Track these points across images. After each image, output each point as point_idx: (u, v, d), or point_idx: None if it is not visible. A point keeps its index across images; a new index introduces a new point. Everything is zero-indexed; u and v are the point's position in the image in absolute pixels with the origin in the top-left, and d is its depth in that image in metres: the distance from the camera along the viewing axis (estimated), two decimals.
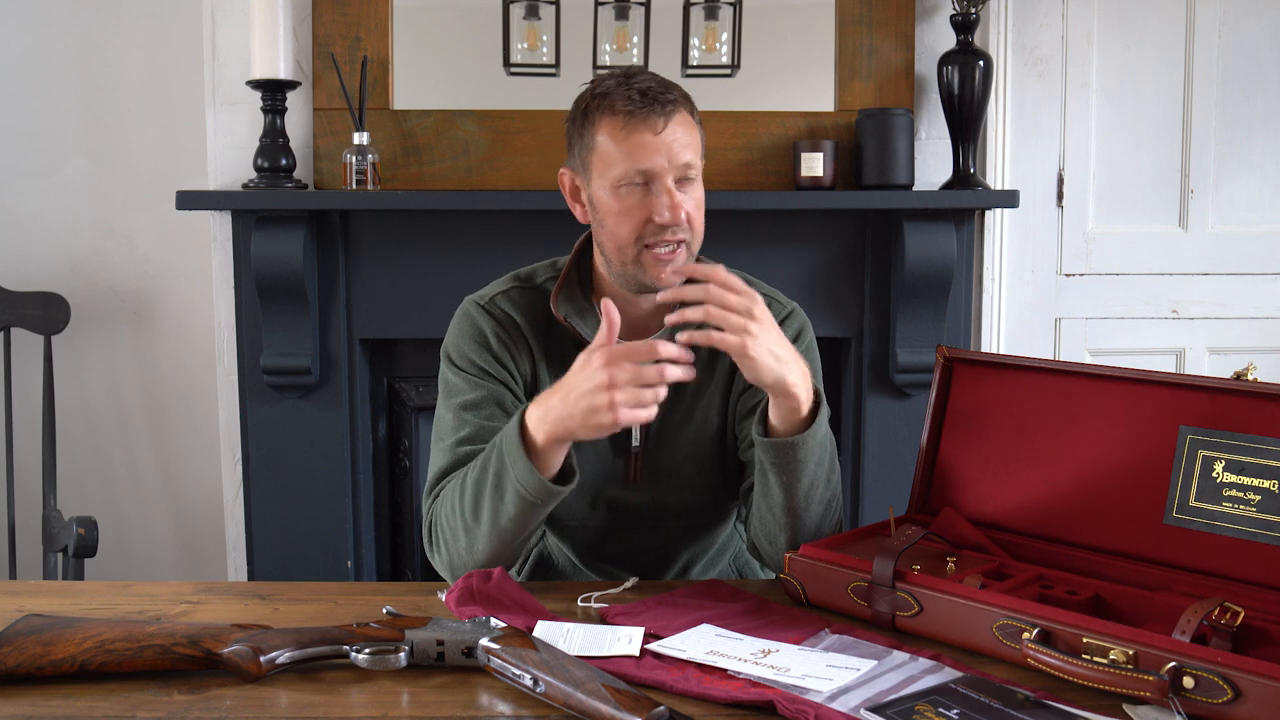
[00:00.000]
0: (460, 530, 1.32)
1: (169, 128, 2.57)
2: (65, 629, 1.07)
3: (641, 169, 1.33)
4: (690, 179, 1.36)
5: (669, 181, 1.33)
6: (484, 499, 1.29)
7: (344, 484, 2.43)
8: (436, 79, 2.41)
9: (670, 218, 1.33)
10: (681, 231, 1.35)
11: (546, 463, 1.26)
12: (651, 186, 1.34)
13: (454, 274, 2.34)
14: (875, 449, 2.45)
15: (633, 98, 1.32)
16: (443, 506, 1.36)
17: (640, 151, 1.32)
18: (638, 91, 1.33)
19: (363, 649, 1.06)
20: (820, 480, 1.32)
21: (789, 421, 1.27)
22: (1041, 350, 2.56)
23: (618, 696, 0.93)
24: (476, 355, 1.43)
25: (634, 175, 1.33)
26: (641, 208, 1.34)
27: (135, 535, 2.68)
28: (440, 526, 1.36)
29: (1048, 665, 1.02)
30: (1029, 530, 1.31)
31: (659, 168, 1.33)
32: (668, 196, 1.33)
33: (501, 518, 1.28)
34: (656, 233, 1.34)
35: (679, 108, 1.35)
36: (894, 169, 2.32)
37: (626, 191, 1.34)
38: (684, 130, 1.34)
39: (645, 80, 1.35)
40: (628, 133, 1.33)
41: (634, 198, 1.34)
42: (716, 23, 2.41)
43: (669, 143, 1.33)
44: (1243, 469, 1.16)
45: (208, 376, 2.54)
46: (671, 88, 1.36)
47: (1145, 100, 2.54)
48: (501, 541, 1.30)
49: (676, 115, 1.34)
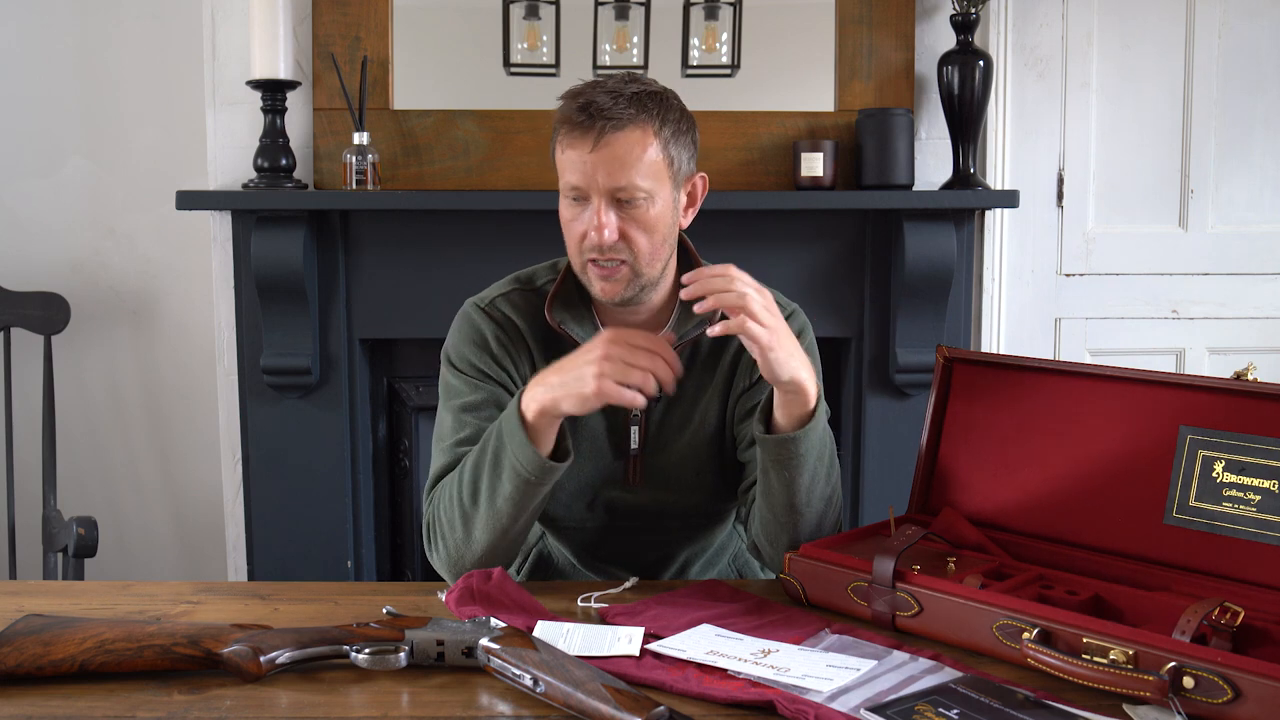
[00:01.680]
0: (458, 518, 1.32)
1: (169, 128, 2.57)
2: (65, 629, 1.07)
3: (573, 185, 1.33)
4: (634, 201, 1.32)
5: (598, 201, 1.32)
6: (482, 479, 1.30)
7: (344, 484, 2.43)
8: (436, 79, 2.41)
9: (594, 239, 1.32)
10: (617, 253, 1.33)
11: (541, 439, 1.27)
12: (589, 203, 1.33)
13: (454, 274, 2.34)
14: (875, 449, 2.45)
15: (573, 114, 1.30)
16: (441, 500, 1.36)
17: (571, 167, 1.32)
18: (584, 104, 1.30)
19: (363, 649, 1.06)
20: (821, 476, 1.32)
21: (793, 417, 1.28)
22: (1041, 350, 2.56)
23: (618, 696, 0.93)
24: (476, 358, 1.43)
25: (568, 189, 1.34)
26: (579, 222, 1.34)
27: (135, 535, 2.68)
28: (439, 521, 1.36)
29: (1048, 665, 1.02)
30: (1029, 530, 1.31)
31: (585, 185, 1.32)
32: (595, 217, 1.32)
33: (498, 498, 1.28)
34: (591, 249, 1.34)
35: (625, 127, 1.29)
36: (894, 169, 2.32)
37: (569, 204, 1.35)
38: (625, 151, 1.30)
39: (604, 94, 1.30)
40: (567, 145, 1.32)
41: (574, 211, 1.35)
42: (716, 23, 2.41)
43: (601, 162, 1.30)
44: (1243, 469, 1.16)
45: (208, 376, 2.54)
46: (631, 103, 1.30)
47: (1145, 100, 2.54)
48: (498, 527, 1.30)
49: (618, 135, 1.29)
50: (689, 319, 1.43)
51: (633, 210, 1.32)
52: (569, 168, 1.33)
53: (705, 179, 1.44)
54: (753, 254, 2.32)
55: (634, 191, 1.31)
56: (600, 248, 1.32)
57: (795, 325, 1.48)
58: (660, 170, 1.33)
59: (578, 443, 1.39)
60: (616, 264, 1.34)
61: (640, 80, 1.35)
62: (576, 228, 1.35)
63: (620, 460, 1.46)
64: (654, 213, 1.34)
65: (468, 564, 1.32)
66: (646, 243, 1.34)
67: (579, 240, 1.35)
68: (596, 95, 1.30)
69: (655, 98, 1.34)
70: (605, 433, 1.44)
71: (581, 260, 1.36)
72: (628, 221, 1.32)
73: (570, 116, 1.31)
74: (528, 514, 1.31)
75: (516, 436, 1.26)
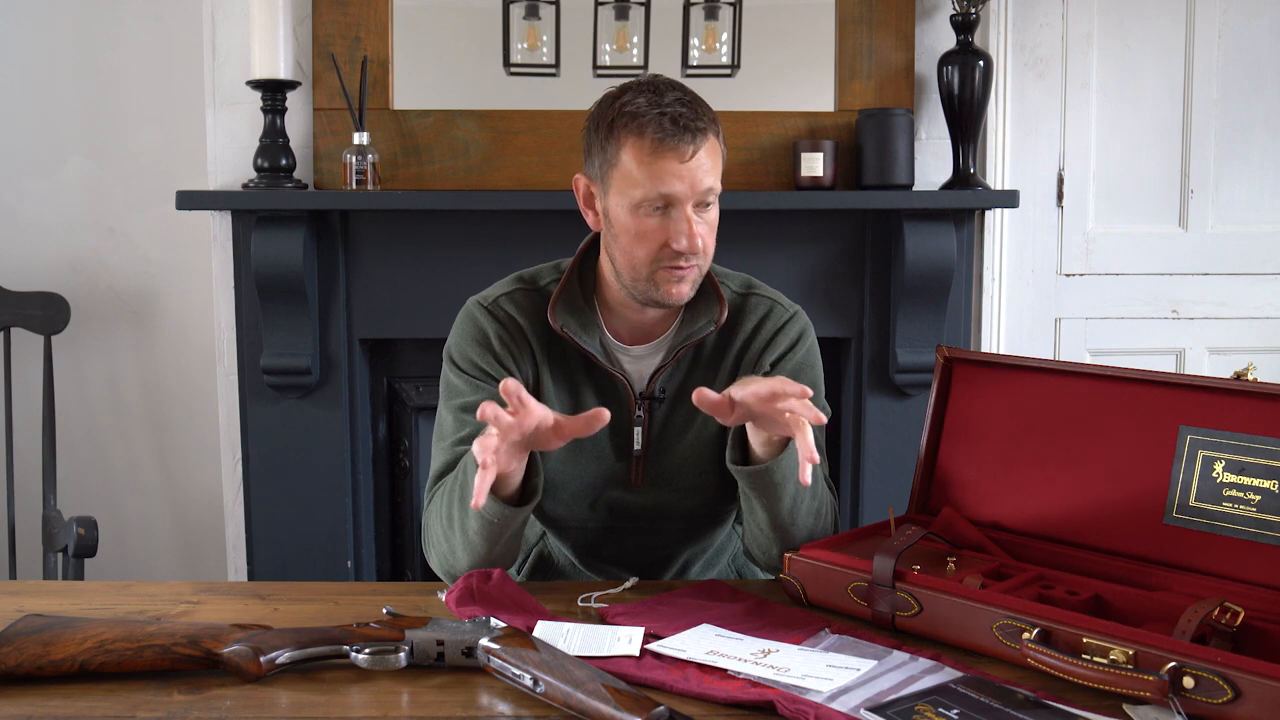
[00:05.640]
0: (442, 535, 1.34)
1: (169, 128, 2.57)
2: (65, 629, 1.07)
3: (665, 193, 1.32)
4: (709, 203, 1.36)
5: (689, 209, 1.33)
6: (454, 509, 1.31)
7: (344, 484, 2.43)
8: (436, 79, 2.41)
9: (687, 245, 1.33)
10: (696, 257, 1.36)
11: (503, 483, 1.24)
12: (671, 211, 1.33)
13: (454, 274, 2.34)
14: (875, 449, 2.45)
15: (664, 125, 1.31)
16: (434, 510, 1.38)
17: (665, 178, 1.32)
18: (670, 119, 1.31)
19: (363, 649, 1.06)
20: (804, 496, 1.32)
21: (771, 444, 1.28)
22: (1041, 350, 2.56)
23: (618, 696, 0.93)
24: (479, 357, 1.43)
25: (656, 199, 1.33)
26: (660, 231, 1.34)
27: (135, 535, 2.68)
28: (431, 529, 1.38)
29: (1048, 665, 1.02)
30: (1029, 530, 1.31)
31: (682, 195, 1.32)
32: (687, 224, 1.33)
33: (469, 531, 1.29)
34: (673, 257, 1.35)
35: (708, 134, 1.33)
36: (894, 169, 2.32)
37: (646, 214, 1.34)
38: (709, 156, 1.34)
39: (676, 104, 1.32)
40: (655, 158, 1.32)
41: (653, 221, 1.34)
42: (716, 23, 2.41)
43: (694, 169, 1.32)
44: (1243, 469, 1.16)
45: (208, 376, 2.54)
46: (702, 113, 1.34)
47: (1145, 100, 2.54)
48: (474, 553, 1.30)
49: (705, 143, 1.33)
50: (694, 320, 1.43)
51: (707, 213, 1.36)
52: (658, 178, 1.32)
53: None
54: (753, 254, 2.32)
55: (713, 195, 1.35)
56: (693, 253, 1.34)
57: (796, 328, 1.48)
58: (721, 171, 1.38)
59: (580, 443, 1.39)
60: (690, 265, 1.36)
61: (676, 85, 1.37)
62: (657, 236, 1.34)
63: (623, 461, 1.46)
64: (717, 211, 1.38)
65: (458, 575, 1.32)
66: (712, 243, 1.38)
67: (657, 249, 1.35)
68: (670, 106, 1.32)
69: (703, 103, 1.36)
70: (608, 434, 1.44)
71: (651, 268, 1.36)
72: (700, 224, 1.35)
73: (657, 132, 1.31)
74: (502, 543, 1.30)
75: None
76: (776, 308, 1.49)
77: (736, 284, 1.51)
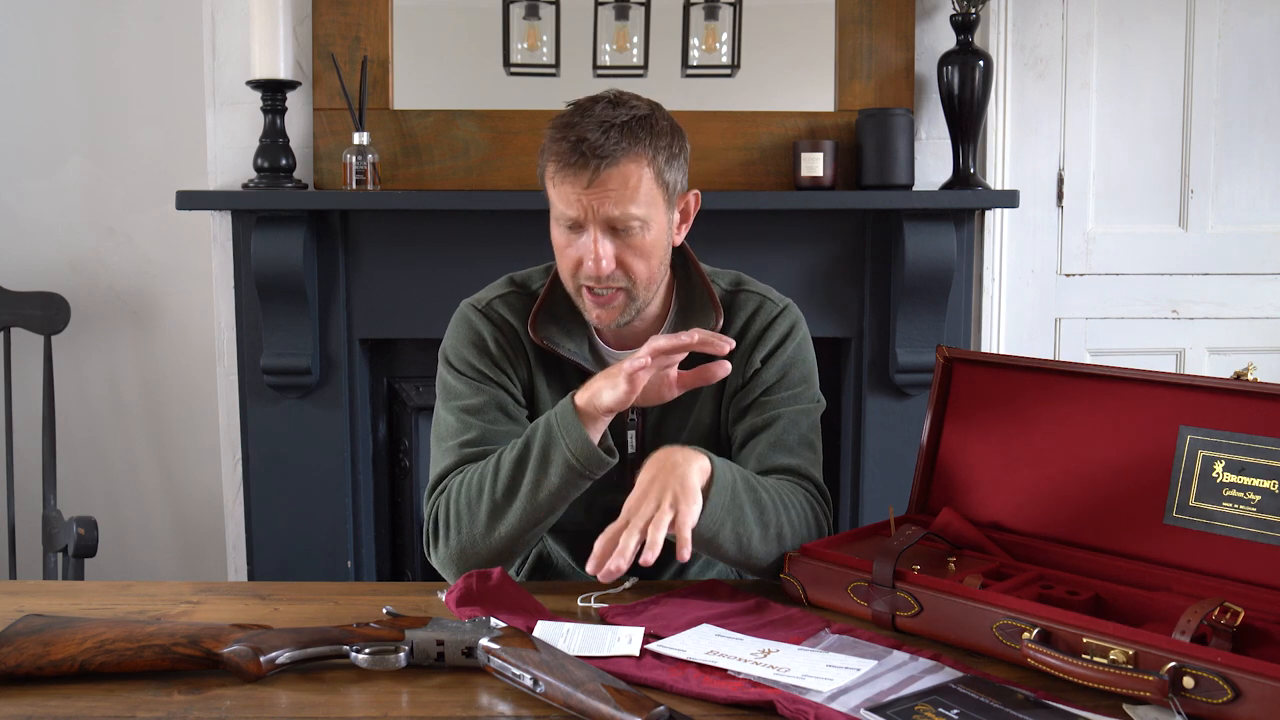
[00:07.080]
0: (483, 513, 1.32)
1: (169, 128, 2.57)
2: (65, 629, 1.07)
3: (569, 215, 1.33)
4: (629, 229, 1.32)
5: (595, 231, 1.32)
6: (524, 475, 1.30)
7: (344, 484, 2.43)
8: (436, 79, 2.41)
9: (590, 269, 1.32)
10: (614, 281, 1.34)
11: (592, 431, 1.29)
12: (582, 233, 1.34)
13: (454, 274, 2.34)
14: (875, 449, 2.45)
15: (565, 148, 1.30)
16: (459, 495, 1.34)
17: (567, 199, 1.32)
18: (574, 141, 1.29)
19: (363, 649, 1.06)
20: (747, 531, 1.28)
21: None
22: (1041, 350, 2.56)
23: (618, 696, 0.93)
24: (477, 360, 1.43)
25: (563, 218, 1.34)
26: (574, 249, 1.35)
27: (135, 535, 2.68)
28: (451, 513, 1.34)
29: (1048, 665, 1.02)
30: (1029, 530, 1.31)
31: (583, 219, 1.32)
32: (592, 247, 1.32)
33: (541, 491, 1.29)
34: (588, 279, 1.35)
35: (619, 161, 1.29)
36: (894, 169, 2.32)
37: (562, 231, 1.35)
38: (620, 184, 1.30)
39: (595, 128, 1.29)
40: (560, 179, 1.32)
41: (568, 237, 1.35)
42: (716, 23, 2.41)
43: (594, 196, 1.30)
44: (1243, 469, 1.16)
45: (208, 376, 2.54)
46: (623, 135, 1.30)
47: (1145, 100, 2.54)
48: (531, 520, 1.31)
49: (612, 171, 1.29)
50: (686, 324, 1.43)
51: (629, 238, 1.33)
52: (562, 199, 1.33)
53: (698, 195, 1.46)
54: (753, 254, 2.32)
55: (629, 221, 1.32)
56: (598, 278, 1.33)
57: (787, 322, 1.48)
58: (654, 196, 1.34)
59: None
60: (613, 291, 1.35)
61: (627, 104, 1.34)
62: (571, 254, 1.35)
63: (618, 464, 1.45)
64: (650, 238, 1.35)
65: (480, 555, 1.32)
66: (644, 268, 1.35)
67: (574, 266, 1.35)
68: (587, 130, 1.29)
69: (644, 124, 1.33)
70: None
71: (576, 284, 1.37)
72: (624, 249, 1.33)
73: (563, 155, 1.30)
74: (558, 512, 1.32)
75: (574, 430, 1.27)
76: (766, 303, 1.48)
77: (726, 282, 1.51)
